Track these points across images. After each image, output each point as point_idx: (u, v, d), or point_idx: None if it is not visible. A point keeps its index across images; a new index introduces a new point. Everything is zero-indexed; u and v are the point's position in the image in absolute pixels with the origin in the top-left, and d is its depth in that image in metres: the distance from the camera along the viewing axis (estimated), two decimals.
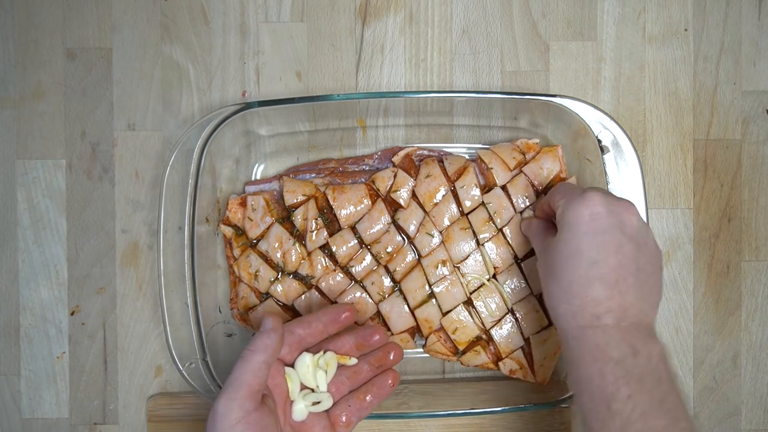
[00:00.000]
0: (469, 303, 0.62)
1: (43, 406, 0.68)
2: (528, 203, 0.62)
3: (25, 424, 0.68)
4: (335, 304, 0.58)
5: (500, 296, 0.62)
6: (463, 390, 0.66)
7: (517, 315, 0.62)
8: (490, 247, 0.62)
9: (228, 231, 0.64)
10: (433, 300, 0.62)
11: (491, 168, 0.62)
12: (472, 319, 0.62)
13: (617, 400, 0.45)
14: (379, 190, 0.63)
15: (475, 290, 0.62)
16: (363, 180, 0.64)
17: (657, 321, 0.67)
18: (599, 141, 0.60)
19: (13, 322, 0.68)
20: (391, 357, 0.56)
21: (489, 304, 0.62)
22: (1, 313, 0.68)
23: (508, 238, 0.62)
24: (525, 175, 0.63)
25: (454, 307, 0.62)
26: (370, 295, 0.62)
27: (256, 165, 0.67)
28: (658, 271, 0.52)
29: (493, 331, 0.62)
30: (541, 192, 0.63)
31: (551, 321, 0.63)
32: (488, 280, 0.62)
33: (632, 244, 0.49)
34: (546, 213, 0.58)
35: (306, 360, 0.54)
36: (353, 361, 0.56)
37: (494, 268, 0.62)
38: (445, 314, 0.62)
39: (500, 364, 0.63)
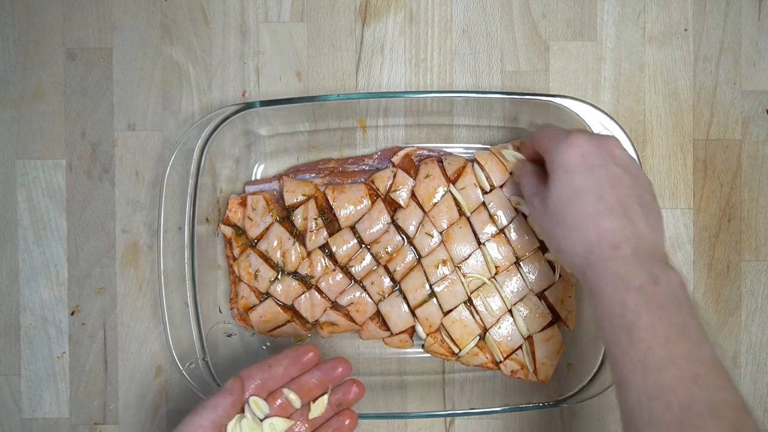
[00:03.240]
0: (470, 302, 0.62)
1: (43, 406, 0.68)
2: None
3: (25, 424, 0.68)
4: (297, 345, 0.55)
5: (500, 296, 0.62)
6: (463, 389, 0.66)
7: (519, 314, 0.62)
8: (491, 247, 0.62)
9: (228, 231, 0.64)
10: (434, 299, 0.62)
11: (488, 169, 0.62)
12: (473, 318, 0.62)
13: (638, 327, 0.44)
14: (378, 189, 0.63)
15: (476, 290, 0.62)
16: (362, 180, 0.64)
17: None
18: None
19: (13, 322, 0.68)
20: (352, 394, 0.54)
21: (489, 304, 0.62)
22: (1, 313, 0.68)
23: (509, 238, 0.62)
24: None
25: (456, 307, 0.62)
26: (369, 295, 0.62)
27: (256, 165, 0.67)
28: (655, 199, 0.52)
29: (492, 331, 0.62)
30: None
31: (554, 318, 0.63)
32: (489, 279, 0.62)
33: (628, 175, 0.50)
34: (533, 157, 0.58)
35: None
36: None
37: (496, 267, 0.62)
38: (446, 314, 0.62)
39: (501, 365, 0.63)
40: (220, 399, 0.50)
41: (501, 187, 0.62)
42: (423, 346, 0.64)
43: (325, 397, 0.54)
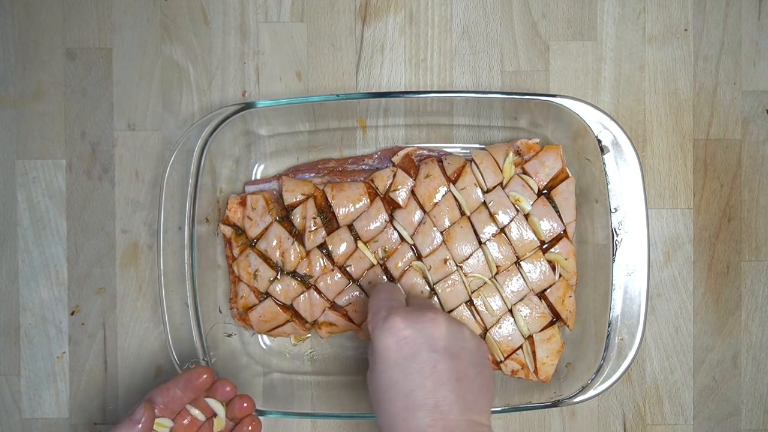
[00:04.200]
0: (470, 302, 0.62)
1: (43, 406, 0.68)
2: (530, 202, 0.62)
3: (25, 424, 0.68)
4: (190, 368, 0.57)
5: (501, 295, 0.62)
6: None
7: (519, 314, 0.62)
8: (492, 246, 0.62)
9: (228, 231, 0.64)
10: (435, 299, 0.62)
11: (483, 168, 0.62)
12: (474, 318, 0.62)
13: None
14: (377, 188, 0.63)
15: (476, 290, 0.62)
16: (362, 179, 0.64)
17: (657, 321, 0.68)
18: (599, 141, 0.60)
19: (13, 322, 0.68)
20: (244, 408, 0.57)
21: (489, 304, 0.62)
22: (1, 313, 0.68)
23: (510, 238, 0.62)
24: (526, 172, 0.63)
25: (457, 307, 0.62)
26: (367, 295, 0.62)
27: (256, 165, 0.67)
28: (483, 369, 0.51)
29: (493, 331, 0.62)
30: (542, 189, 0.63)
31: (554, 318, 0.63)
32: (490, 279, 0.62)
33: (446, 358, 0.49)
34: None
35: None
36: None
37: (496, 267, 0.62)
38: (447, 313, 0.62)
39: (501, 365, 0.63)
40: (129, 428, 0.52)
41: (503, 186, 0.62)
42: None
43: (222, 413, 0.57)
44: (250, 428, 0.57)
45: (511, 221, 0.62)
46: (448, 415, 0.47)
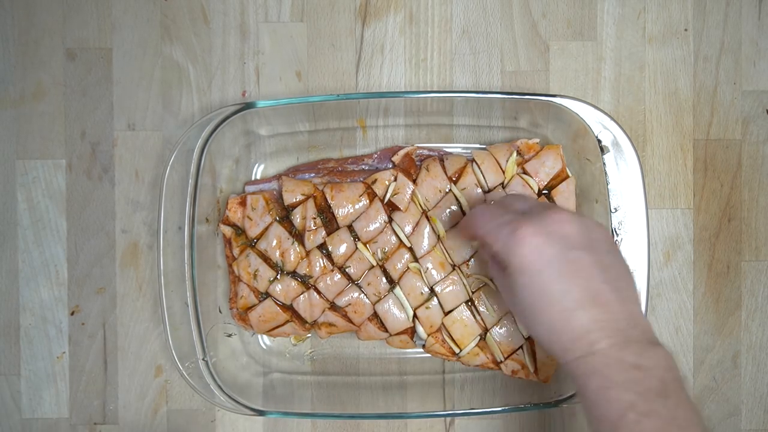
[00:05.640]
0: (471, 302, 0.62)
1: (43, 406, 0.68)
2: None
3: (25, 424, 0.68)
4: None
5: (501, 296, 0.62)
6: (463, 389, 0.66)
7: None
8: None
9: (228, 230, 0.64)
10: (435, 300, 0.62)
11: (484, 169, 0.62)
12: (474, 318, 0.62)
13: (625, 426, 0.43)
14: (377, 194, 0.63)
15: (477, 290, 0.62)
16: (362, 179, 0.64)
17: (657, 321, 0.68)
18: (599, 141, 0.60)
19: (13, 322, 0.68)
20: None
21: (491, 304, 0.62)
22: (1, 313, 0.68)
23: None
24: (526, 172, 0.63)
25: (457, 307, 0.62)
26: (366, 296, 0.62)
27: (256, 165, 0.67)
28: (617, 254, 0.49)
29: (493, 331, 0.62)
30: (542, 189, 0.63)
31: None
32: (490, 279, 0.62)
33: (584, 252, 0.47)
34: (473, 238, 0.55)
35: None
36: None
37: None
38: (447, 314, 0.62)
39: (501, 365, 0.63)
40: None
41: (503, 186, 0.62)
42: (424, 347, 0.64)
43: None
44: None
45: None
46: (608, 307, 0.46)
